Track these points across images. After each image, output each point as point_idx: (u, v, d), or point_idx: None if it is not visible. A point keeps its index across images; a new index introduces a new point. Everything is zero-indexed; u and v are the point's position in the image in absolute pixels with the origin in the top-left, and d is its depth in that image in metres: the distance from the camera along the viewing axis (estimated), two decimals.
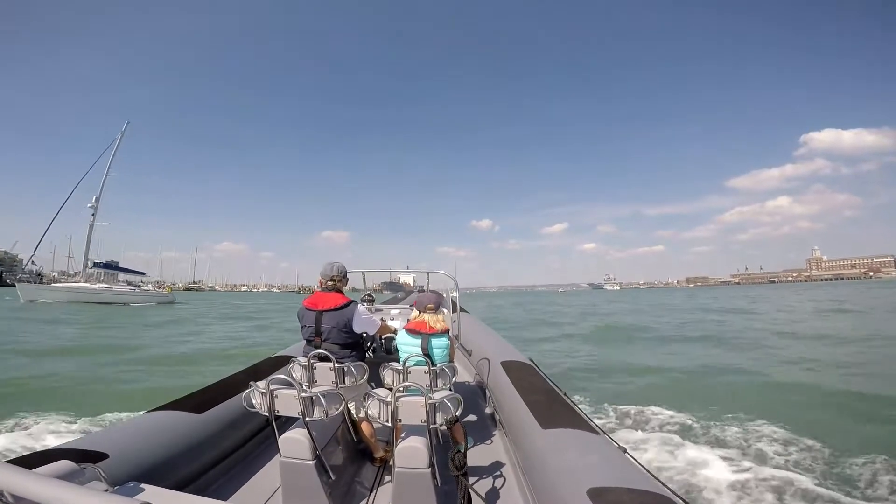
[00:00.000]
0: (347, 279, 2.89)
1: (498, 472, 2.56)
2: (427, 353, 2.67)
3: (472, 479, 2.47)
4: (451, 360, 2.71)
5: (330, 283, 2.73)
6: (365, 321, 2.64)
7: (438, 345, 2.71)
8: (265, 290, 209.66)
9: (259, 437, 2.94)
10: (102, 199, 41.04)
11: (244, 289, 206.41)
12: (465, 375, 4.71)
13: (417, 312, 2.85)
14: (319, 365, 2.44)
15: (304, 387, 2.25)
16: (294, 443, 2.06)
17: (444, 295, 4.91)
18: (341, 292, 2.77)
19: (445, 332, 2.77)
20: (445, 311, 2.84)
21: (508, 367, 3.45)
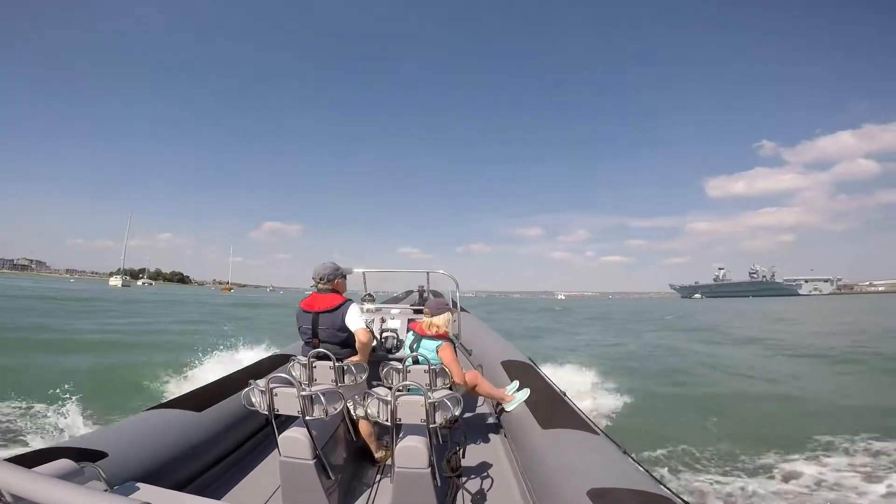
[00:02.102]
0: (343, 277, 2.83)
1: (497, 473, 2.55)
2: (417, 353, 2.76)
3: (471, 480, 2.46)
4: (443, 365, 2.70)
5: (321, 284, 2.72)
6: (353, 320, 2.61)
7: (427, 346, 2.77)
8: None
9: (259, 437, 2.92)
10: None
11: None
12: None
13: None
14: (319, 364, 2.44)
15: (304, 385, 2.24)
16: (294, 442, 2.05)
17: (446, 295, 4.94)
18: (338, 292, 2.76)
19: (440, 336, 2.80)
20: (446, 315, 2.86)
21: (508, 366, 3.46)
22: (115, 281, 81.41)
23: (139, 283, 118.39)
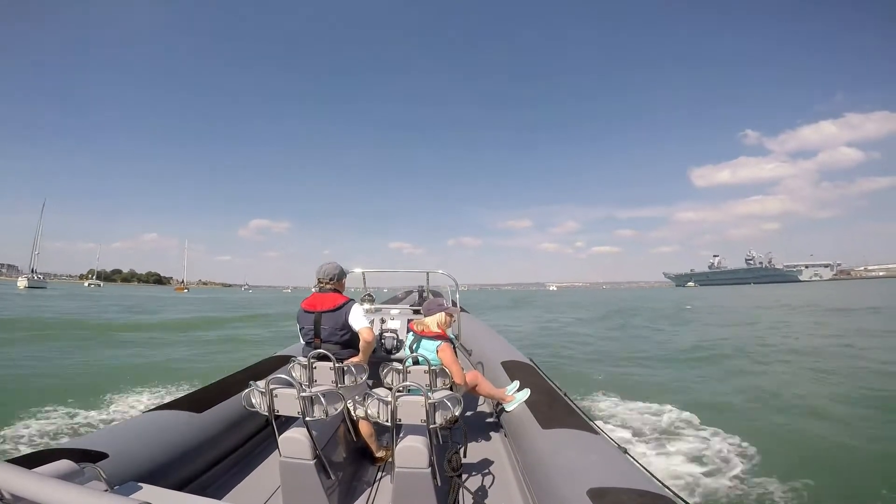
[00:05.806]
0: (342, 280, 2.82)
1: (498, 472, 2.56)
2: (417, 354, 2.76)
3: (472, 480, 2.47)
4: (443, 365, 2.70)
5: (327, 284, 2.71)
6: (356, 319, 2.60)
7: (426, 346, 2.76)
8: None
9: (259, 437, 2.93)
10: None
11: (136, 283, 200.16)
12: None
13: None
14: (319, 364, 2.43)
15: (304, 386, 2.24)
16: (294, 442, 2.05)
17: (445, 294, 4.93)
18: (339, 292, 2.75)
19: (440, 337, 2.79)
20: (437, 315, 2.87)
21: (509, 366, 3.45)
22: (22, 281, 73.28)
23: (86, 284, 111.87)
